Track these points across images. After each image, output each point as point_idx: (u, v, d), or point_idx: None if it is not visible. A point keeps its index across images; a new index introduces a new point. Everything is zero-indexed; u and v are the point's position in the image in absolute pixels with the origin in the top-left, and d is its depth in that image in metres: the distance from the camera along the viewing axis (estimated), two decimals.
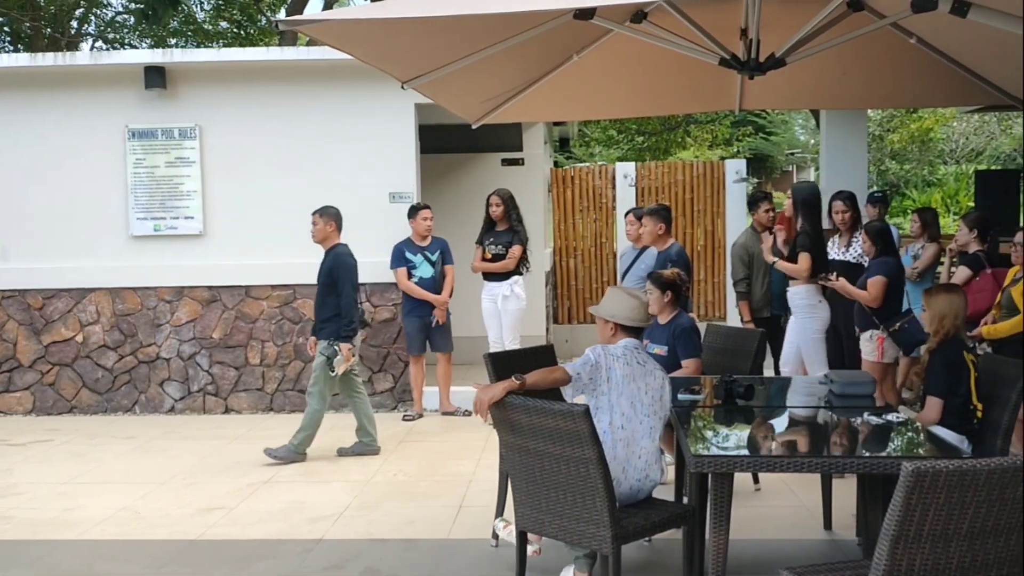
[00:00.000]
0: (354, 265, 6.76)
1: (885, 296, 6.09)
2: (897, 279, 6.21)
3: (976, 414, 4.47)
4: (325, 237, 6.83)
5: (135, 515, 5.61)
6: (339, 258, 6.73)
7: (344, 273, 6.66)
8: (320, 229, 6.82)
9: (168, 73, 8.40)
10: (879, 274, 6.09)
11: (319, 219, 6.83)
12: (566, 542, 3.94)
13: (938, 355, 4.57)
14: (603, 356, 4.05)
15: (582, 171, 11.63)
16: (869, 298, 6.09)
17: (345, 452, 6.87)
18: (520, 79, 5.12)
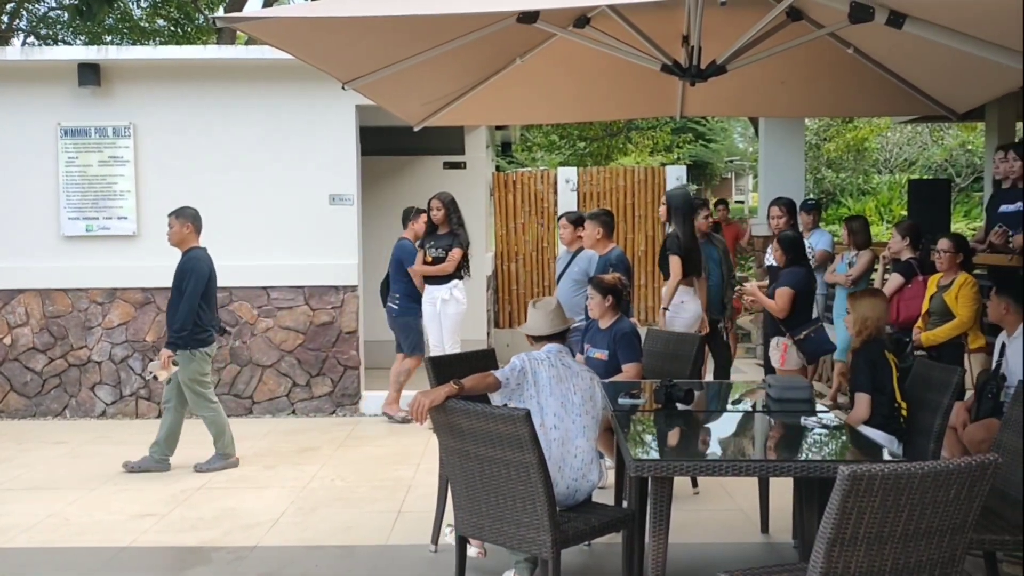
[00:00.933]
0: (206, 272, 6.38)
1: (792, 306, 6.34)
2: (805, 289, 6.38)
3: (902, 413, 4.61)
4: (182, 240, 6.48)
5: (64, 522, 5.46)
6: (190, 262, 6.37)
7: (192, 278, 6.30)
8: (176, 231, 6.47)
9: (103, 70, 8.21)
10: (786, 285, 6.32)
11: (175, 221, 6.49)
12: (506, 547, 3.92)
13: (861, 354, 4.74)
14: (527, 361, 4.15)
15: (524, 175, 11.64)
16: (776, 308, 6.30)
17: (133, 467, 6.49)
18: (463, 82, 5.10)
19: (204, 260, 6.43)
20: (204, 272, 6.36)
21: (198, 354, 6.38)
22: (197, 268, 6.34)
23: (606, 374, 5.48)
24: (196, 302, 6.29)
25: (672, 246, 6.74)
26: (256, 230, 8.31)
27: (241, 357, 8.33)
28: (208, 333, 6.43)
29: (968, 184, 23.86)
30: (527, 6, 3.60)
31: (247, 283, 8.32)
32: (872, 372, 4.65)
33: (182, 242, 6.50)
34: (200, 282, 6.32)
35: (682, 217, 6.77)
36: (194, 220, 6.55)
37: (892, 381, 4.63)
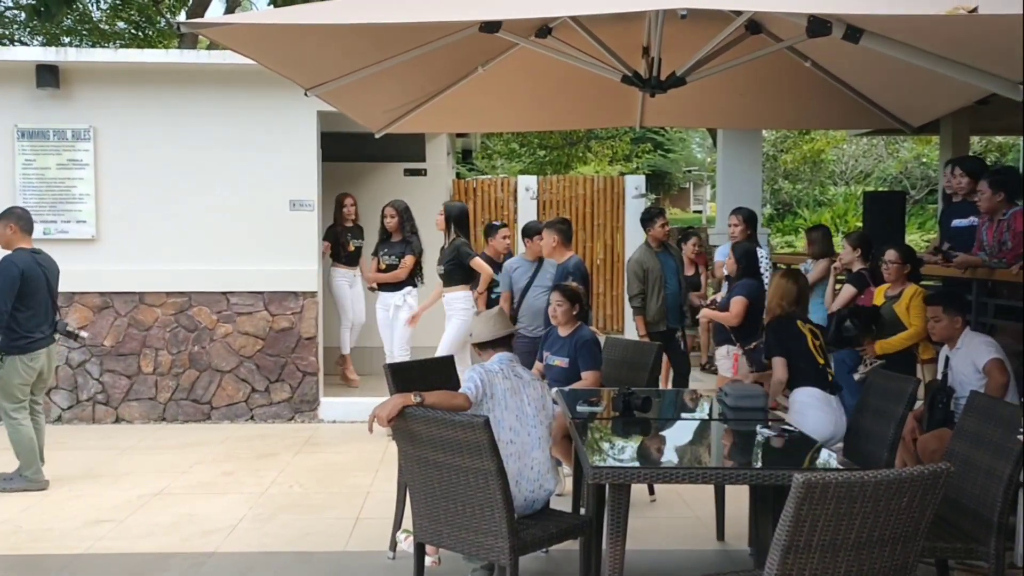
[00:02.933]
0: (16, 274, 5.96)
1: (744, 316, 6.49)
2: (757, 300, 6.50)
3: (828, 372, 5.17)
4: (7, 242, 6.15)
5: (16, 528, 5.38)
6: (1, 264, 6.04)
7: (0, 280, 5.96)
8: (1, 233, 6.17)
9: (61, 72, 8.12)
10: (740, 295, 6.43)
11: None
12: (464, 554, 3.94)
13: (771, 329, 5.36)
14: (484, 374, 4.14)
15: (484, 183, 11.68)
16: (730, 318, 6.44)
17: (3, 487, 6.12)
18: (425, 89, 5.12)
19: (19, 262, 6.04)
20: (14, 274, 5.97)
21: (9, 361, 6.04)
22: (4, 271, 5.98)
23: (566, 381, 5.52)
24: (2, 307, 5.92)
25: (468, 252, 7.20)
26: (216, 235, 8.25)
27: (200, 362, 8.26)
28: (27, 340, 6.04)
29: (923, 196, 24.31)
30: (489, 16, 3.63)
31: (207, 288, 8.26)
32: (782, 342, 5.19)
33: (7, 244, 6.16)
34: (8, 286, 5.94)
35: (461, 226, 7.29)
36: (18, 220, 6.18)
37: (808, 346, 5.14)
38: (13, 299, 5.97)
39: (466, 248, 7.19)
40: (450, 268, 7.25)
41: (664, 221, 7.58)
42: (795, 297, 5.29)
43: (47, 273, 6.19)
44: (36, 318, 6.09)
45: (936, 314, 5.37)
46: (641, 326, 7.30)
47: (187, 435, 7.74)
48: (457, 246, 7.19)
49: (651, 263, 7.36)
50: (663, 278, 7.37)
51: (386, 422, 3.85)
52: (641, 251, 7.55)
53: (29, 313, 6.05)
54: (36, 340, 6.09)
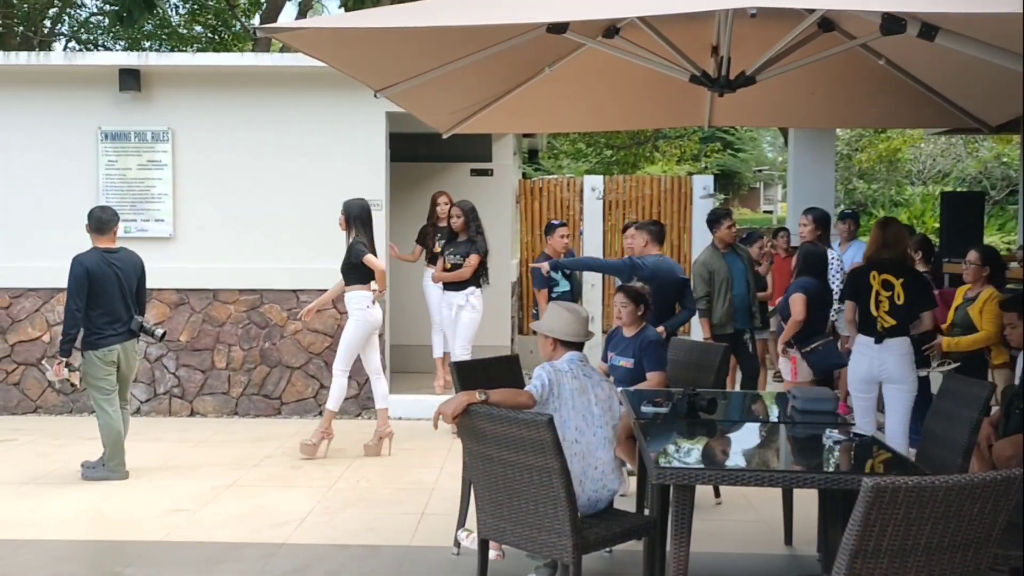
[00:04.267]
0: (80, 272, 6.15)
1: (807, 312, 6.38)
2: (818, 299, 6.37)
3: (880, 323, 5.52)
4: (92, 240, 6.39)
5: (99, 515, 5.57)
6: (71, 265, 6.22)
7: (69, 281, 6.18)
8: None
9: (142, 76, 8.36)
10: (797, 291, 6.31)
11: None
12: (527, 551, 3.97)
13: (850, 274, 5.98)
14: (552, 373, 4.11)
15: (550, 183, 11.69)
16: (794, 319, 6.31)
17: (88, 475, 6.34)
18: (492, 90, 5.17)
19: (85, 261, 6.21)
20: (79, 273, 6.15)
21: (88, 356, 6.25)
22: (72, 270, 6.18)
23: (631, 382, 5.51)
24: (72, 305, 6.13)
25: (361, 251, 6.90)
26: (287, 234, 8.42)
27: (271, 358, 8.44)
28: (99, 336, 6.22)
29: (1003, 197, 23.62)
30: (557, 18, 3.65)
31: (277, 286, 8.43)
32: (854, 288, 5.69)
33: (93, 242, 6.38)
34: (75, 284, 6.14)
35: (363, 224, 7.02)
36: (90, 220, 6.39)
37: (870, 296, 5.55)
38: (83, 297, 6.15)
39: (359, 246, 6.92)
40: (346, 268, 7.06)
41: (731, 223, 7.51)
42: (880, 243, 5.55)
43: (119, 272, 6.33)
44: (107, 315, 6.25)
45: (1011, 320, 5.24)
46: (706, 328, 7.24)
47: (258, 429, 7.92)
48: (350, 244, 7.00)
49: (717, 265, 7.30)
50: (730, 280, 7.30)
51: (451, 419, 3.90)
52: (707, 253, 7.50)
53: (100, 311, 6.22)
54: (107, 336, 6.26)
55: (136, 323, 6.40)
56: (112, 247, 6.41)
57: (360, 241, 6.94)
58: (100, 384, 6.27)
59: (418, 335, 9.37)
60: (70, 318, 6.16)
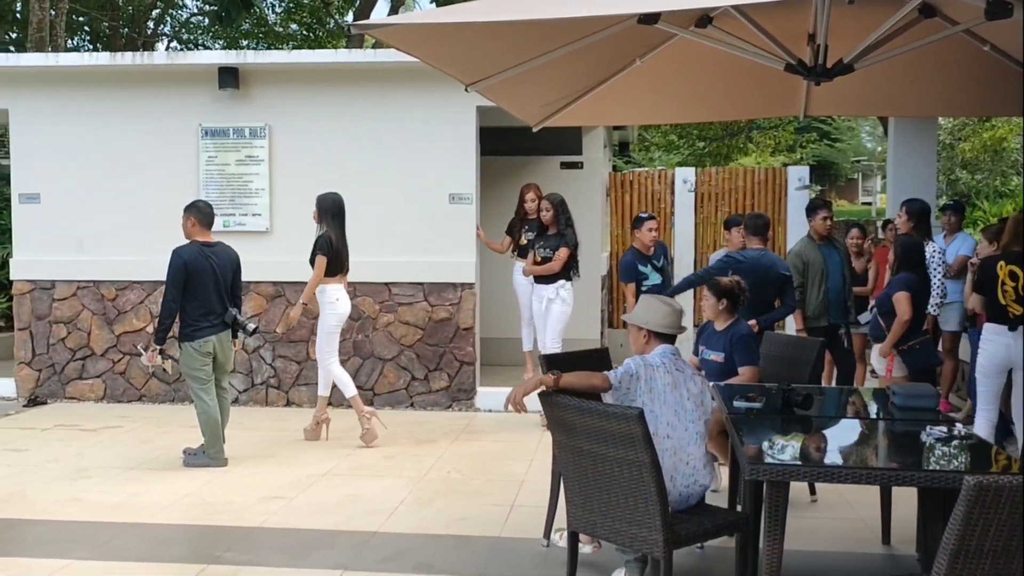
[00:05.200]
0: (179, 265, 6.35)
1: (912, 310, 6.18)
2: (918, 295, 6.16)
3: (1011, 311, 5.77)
4: (187, 233, 6.60)
5: (199, 501, 5.76)
6: (171, 257, 6.44)
7: (167, 273, 6.38)
8: (183, 225, 6.62)
9: (241, 74, 8.59)
10: (899, 290, 6.10)
11: (183, 215, 6.64)
12: (617, 544, 3.95)
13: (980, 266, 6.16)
14: (642, 367, 4.07)
15: (641, 176, 11.60)
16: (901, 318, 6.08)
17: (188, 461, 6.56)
18: (582, 83, 5.15)
19: (185, 254, 6.39)
20: (178, 266, 6.34)
21: (185, 347, 6.44)
22: (171, 262, 6.37)
23: (721, 376, 5.45)
24: (169, 296, 6.33)
25: (323, 246, 6.93)
26: (379, 227, 8.55)
27: (363, 350, 8.59)
28: (194, 328, 6.40)
29: None
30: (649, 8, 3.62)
31: (370, 279, 8.57)
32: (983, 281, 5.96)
33: (188, 235, 6.58)
34: (173, 276, 6.33)
35: (331, 218, 7.06)
36: (199, 214, 6.59)
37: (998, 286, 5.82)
38: (180, 289, 6.35)
39: (322, 241, 6.98)
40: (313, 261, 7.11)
41: (826, 214, 7.36)
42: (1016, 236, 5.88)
43: (216, 265, 6.51)
44: (203, 307, 6.43)
45: None
46: (799, 320, 7.10)
47: (351, 420, 8.04)
48: (316, 238, 7.06)
49: (812, 256, 7.16)
50: (825, 272, 7.15)
51: (520, 399, 3.92)
52: (802, 243, 7.35)
53: (196, 303, 6.41)
54: (203, 328, 6.44)
55: (230, 315, 6.58)
56: (210, 241, 6.61)
57: (325, 237, 6.99)
58: (197, 374, 6.47)
59: (507, 328, 9.43)
60: (166, 308, 6.37)
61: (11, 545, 5.01)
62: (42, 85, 8.88)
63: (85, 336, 8.85)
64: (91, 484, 6.10)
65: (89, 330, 8.84)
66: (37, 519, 5.41)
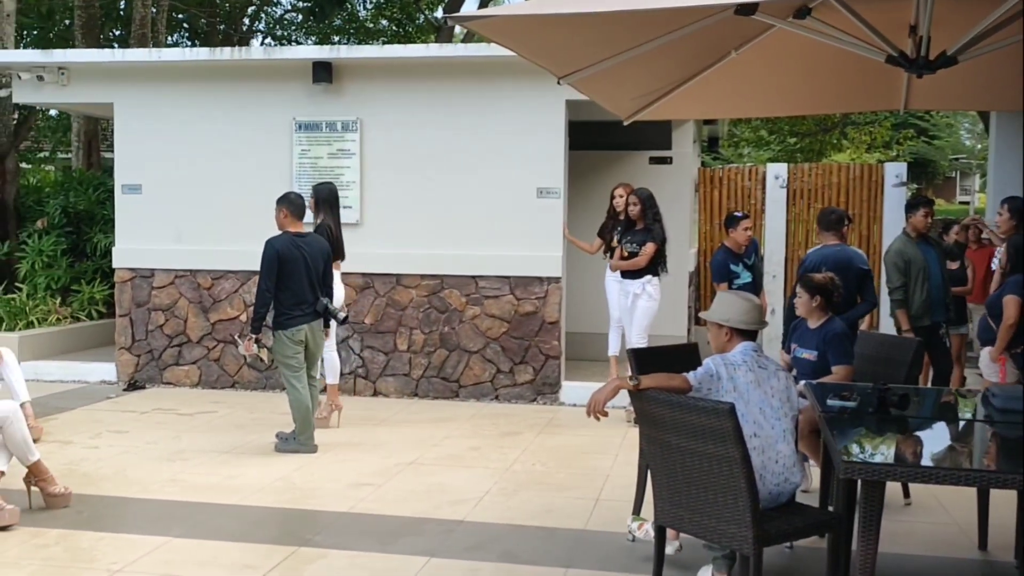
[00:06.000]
0: (271, 255, 6.53)
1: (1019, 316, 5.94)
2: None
3: None
4: (280, 225, 6.78)
5: (290, 485, 5.91)
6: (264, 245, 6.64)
7: (261, 263, 6.58)
8: (276, 217, 6.80)
9: (334, 68, 8.74)
10: (1012, 293, 5.89)
11: (276, 206, 6.80)
12: (705, 540, 3.92)
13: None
14: (723, 366, 4.02)
15: (731, 171, 11.43)
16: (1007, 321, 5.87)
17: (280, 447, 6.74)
18: (675, 76, 5.10)
19: (277, 244, 6.58)
20: (271, 256, 6.52)
21: (278, 335, 6.61)
22: (264, 252, 6.56)
23: (813, 375, 5.35)
24: (263, 286, 6.52)
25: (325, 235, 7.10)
26: (467, 221, 8.62)
27: (450, 342, 8.68)
28: (286, 316, 6.56)
29: None
30: None
31: (457, 271, 8.65)
32: None
33: (280, 226, 6.75)
34: (266, 266, 6.51)
35: (330, 207, 7.33)
36: (290, 205, 6.76)
37: None
38: (273, 278, 6.52)
39: (323, 230, 7.18)
40: None
41: (927, 211, 7.16)
42: None
43: (308, 255, 6.66)
44: (294, 297, 6.59)
45: None
46: (904, 320, 6.91)
47: (437, 411, 8.17)
48: (316, 227, 7.21)
49: (912, 253, 6.97)
50: (927, 269, 6.96)
51: (602, 406, 3.91)
52: (901, 241, 7.16)
53: (288, 292, 6.58)
54: (295, 317, 6.59)
55: (321, 305, 6.72)
56: (301, 231, 6.77)
57: (325, 225, 7.24)
58: (289, 362, 6.63)
59: (593, 323, 9.41)
60: (261, 297, 6.57)
61: (115, 521, 5.22)
62: (145, 80, 9.19)
63: (182, 323, 9.13)
64: (188, 466, 6.31)
65: (186, 317, 9.12)
66: (138, 497, 5.62)
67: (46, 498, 5.31)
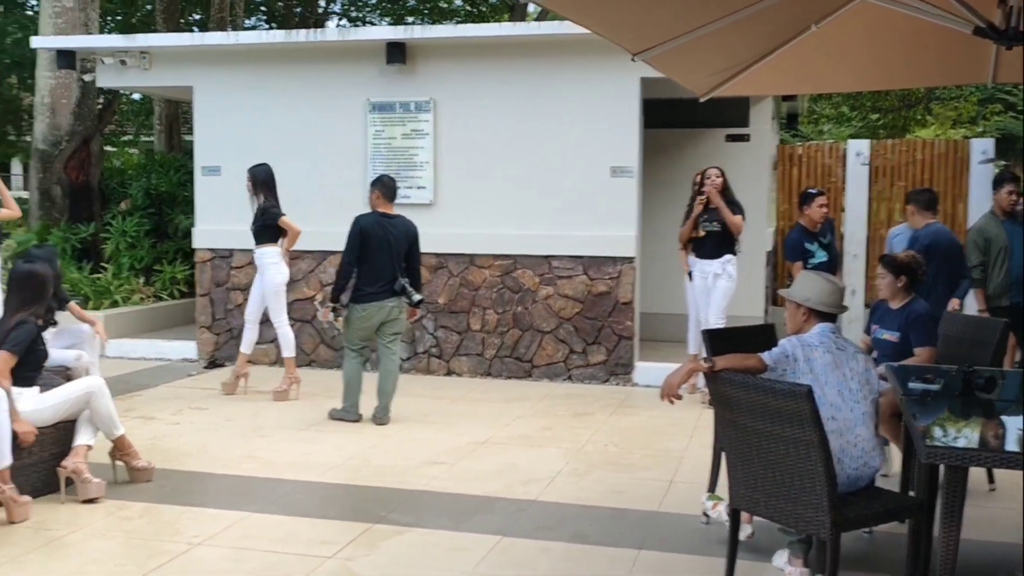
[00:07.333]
0: (355, 232, 6.83)
1: None
2: None
3: None
4: (372, 205, 7.06)
5: (366, 463, 5.99)
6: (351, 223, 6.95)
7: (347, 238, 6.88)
8: (369, 198, 7.12)
9: (408, 49, 8.77)
10: None
11: (370, 189, 7.13)
12: (781, 524, 3.86)
13: None
14: (799, 348, 3.93)
15: (811, 148, 11.19)
16: None
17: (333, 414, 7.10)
18: (753, 51, 4.98)
19: (363, 222, 6.86)
20: (355, 232, 6.81)
21: (351, 307, 6.88)
22: (351, 228, 6.85)
23: (895, 357, 5.21)
24: (345, 259, 6.81)
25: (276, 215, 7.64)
26: (539, 200, 8.60)
27: (523, 322, 8.68)
28: (361, 292, 6.82)
29: None
30: None
31: (530, 251, 8.64)
32: None
33: (373, 207, 7.02)
34: (350, 240, 6.80)
35: (267, 188, 7.69)
36: (383, 188, 7.02)
37: None
38: (356, 252, 6.78)
39: (273, 209, 7.65)
40: (259, 228, 7.74)
41: (1012, 188, 6.92)
42: None
43: (391, 236, 6.83)
44: (372, 273, 6.80)
45: None
46: (981, 299, 6.72)
47: (509, 390, 8.19)
48: (264, 208, 7.67)
49: (995, 232, 6.76)
50: (1008, 249, 6.74)
51: (676, 389, 3.87)
52: (984, 219, 6.95)
53: (366, 268, 6.80)
54: (368, 294, 6.82)
55: (399, 284, 6.84)
56: (390, 213, 6.97)
57: (272, 204, 7.67)
58: (352, 336, 6.95)
59: (667, 303, 9.34)
60: (342, 269, 6.87)
61: (196, 496, 5.36)
62: (223, 63, 9.34)
63: None
64: (265, 443, 6.44)
65: None
66: (218, 473, 5.76)
67: (130, 472, 5.48)
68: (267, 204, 7.69)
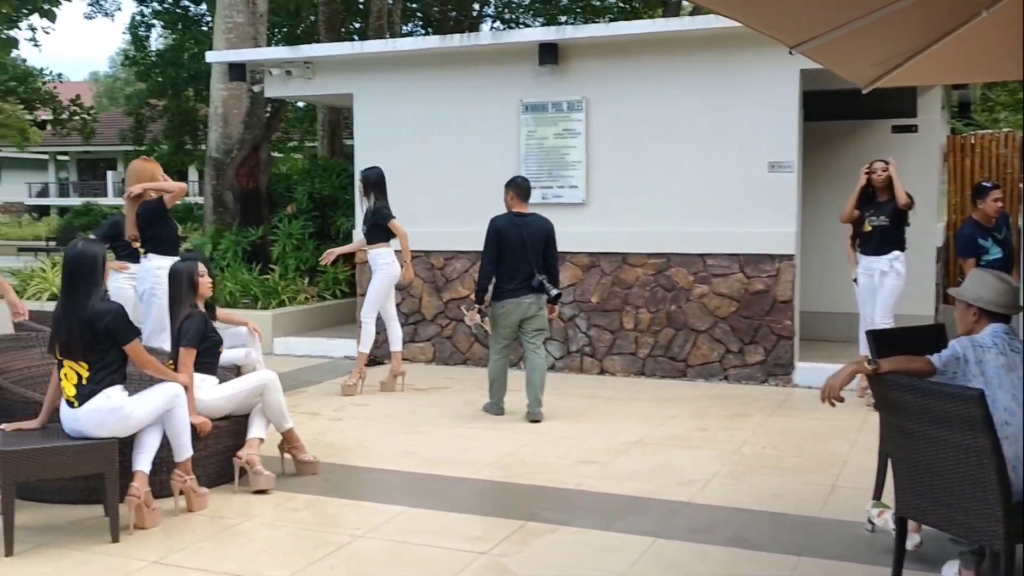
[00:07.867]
0: (491, 232, 6.99)
1: None
2: None
3: None
4: (507, 206, 7.16)
5: (519, 460, 6.06)
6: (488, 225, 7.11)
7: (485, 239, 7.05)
8: (505, 199, 7.21)
9: (560, 49, 8.81)
10: None
11: (505, 190, 7.23)
12: (950, 534, 3.68)
13: None
14: (970, 349, 3.75)
15: (984, 138, 10.58)
16: None
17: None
18: (919, 39, 4.76)
19: (498, 222, 7.03)
20: (491, 232, 6.99)
21: (492, 306, 7.04)
22: (487, 229, 7.03)
23: None
24: (484, 260, 7.01)
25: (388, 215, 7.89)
26: (693, 198, 8.48)
27: (677, 321, 8.58)
28: (500, 290, 6.96)
29: None
30: None
31: (684, 249, 8.53)
32: None
33: (508, 207, 7.13)
34: (487, 241, 6.98)
35: (379, 190, 7.96)
36: (515, 188, 7.14)
37: None
38: (494, 253, 6.97)
39: (384, 211, 7.87)
40: (371, 228, 7.95)
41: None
42: None
43: (525, 234, 6.97)
44: (509, 272, 6.96)
45: None
46: None
47: (663, 390, 8.11)
48: (377, 208, 7.90)
49: None
50: None
51: (838, 391, 3.75)
52: None
53: (503, 267, 6.98)
54: (507, 291, 6.99)
55: (536, 281, 6.97)
56: (524, 212, 7.10)
57: (384, 206, 7.91)
58: (496, 333, 7.13)
59: (830, 301, 9.05)
60: (482, 271, 7.07)
61: (357, 489, 5.56)
62: (381, 69, 9.65)
63: (417, 302, 9.55)
64: (423, 439, 6.60)
65: (421, 296, 9.53)
66: (377, 467, 5.95)
67: (297, 465, 5.73)
68: (379, 205, 7.97)
